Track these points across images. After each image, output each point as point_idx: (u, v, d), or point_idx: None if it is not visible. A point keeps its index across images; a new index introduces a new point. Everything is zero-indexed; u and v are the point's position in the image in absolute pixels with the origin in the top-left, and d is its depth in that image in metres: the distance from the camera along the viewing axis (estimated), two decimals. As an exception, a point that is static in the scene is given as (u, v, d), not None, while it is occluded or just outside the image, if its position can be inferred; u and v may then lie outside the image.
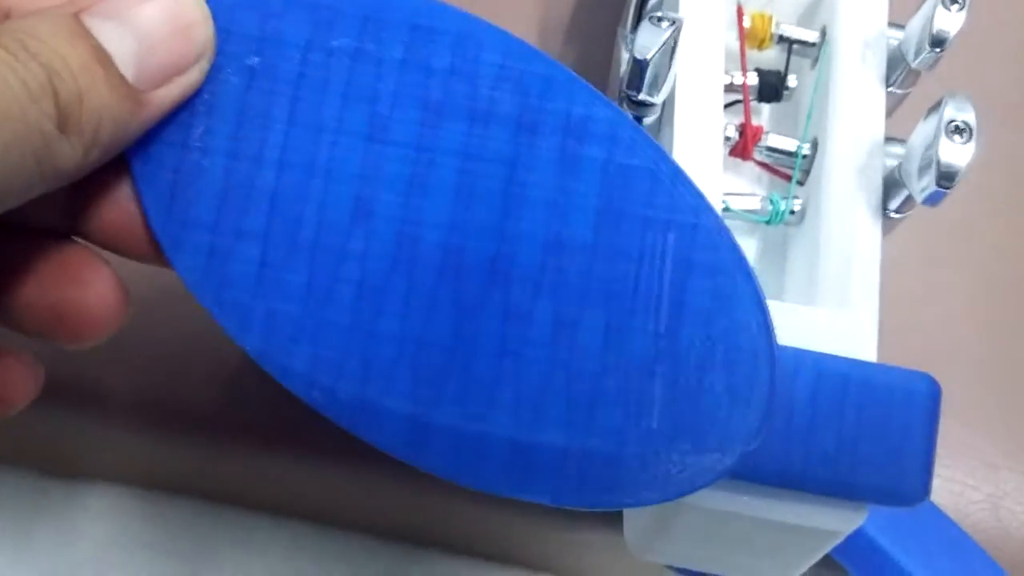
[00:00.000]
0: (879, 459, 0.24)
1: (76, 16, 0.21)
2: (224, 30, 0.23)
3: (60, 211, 0.24)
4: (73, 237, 0.24)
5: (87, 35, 0.21)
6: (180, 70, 0.22)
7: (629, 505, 0.23)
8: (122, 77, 0.21)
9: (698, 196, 0.24)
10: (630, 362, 0.23)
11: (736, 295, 0.23)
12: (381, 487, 0.39)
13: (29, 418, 0.38)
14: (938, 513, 0.32)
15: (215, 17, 0.23)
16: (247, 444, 0.38)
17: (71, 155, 0.21)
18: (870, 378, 0.24)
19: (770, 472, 0.24)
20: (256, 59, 0.23)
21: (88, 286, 0.24)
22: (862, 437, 0.24)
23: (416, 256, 0.23)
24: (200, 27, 0.23)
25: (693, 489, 0.23)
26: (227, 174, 0.23)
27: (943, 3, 0.29)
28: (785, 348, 0.24)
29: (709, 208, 0.24)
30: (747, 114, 0.31)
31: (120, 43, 0.21)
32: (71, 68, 0.20)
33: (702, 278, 0.23)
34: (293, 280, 0.23)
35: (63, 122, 0.20)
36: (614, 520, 0.37)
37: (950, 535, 0.32)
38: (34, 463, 0.45)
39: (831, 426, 0.24)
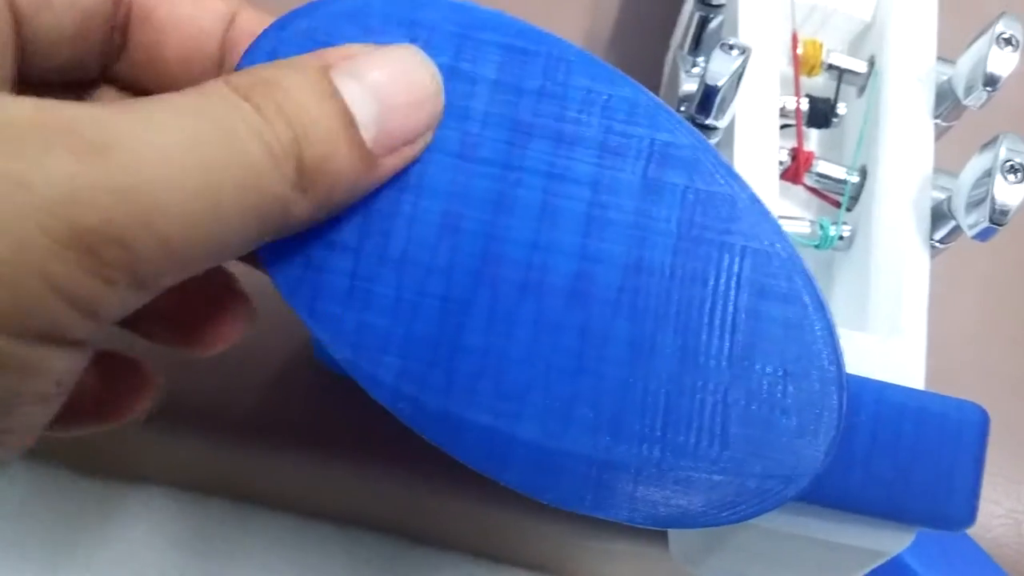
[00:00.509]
0: (931, 485, 0.25)
1: (326, 71, 0.21)
2: (324, 44, 0.23)
3: None
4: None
5: (336, 95, 0.21)
6: (411, 140, 0.23)
7: (699, 526, 0.23)
8: (362, 143, 0.21)
9: (774, 225, 0.24)
10: (704, 386, 0.24)
11: (808, 325, 0.24)
12: (410, 491, 0.39)
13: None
14: (963, 535, 0.33)
15: (316, 30, 0.24)
16: (278, 448, 0.39)
17: (303, 212, 0.21)
18: (925, 407, 0.25)
19: (830, 495, 0.25)
20: None
21: (223, 306, 0.25)
22: (916, 464, 0.25)
23: (499, 272, 0.24)
24: (433, 101, 0.23)
25: (760, 512, 0.23)
26: None
27: (997, 44, 0.30)
28: (849, 376, 0.25)
29: (784, 237, 0.24)
30: (799, 140, 0.32)
31: (363, 106, 0.21)
32: (319, 131, 0.20)
33: (776, 306, 0.24)
34: (382, 292, 0.23)
35: (302, 182, 0.20)
36: (638, 529, 0.38)
37: (970, 552, 0.33)
38: (73, 463, 0.45)
39: (888, 453, 0.25)
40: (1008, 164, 0.28)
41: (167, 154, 0.18)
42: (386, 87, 0.22)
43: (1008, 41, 0.31)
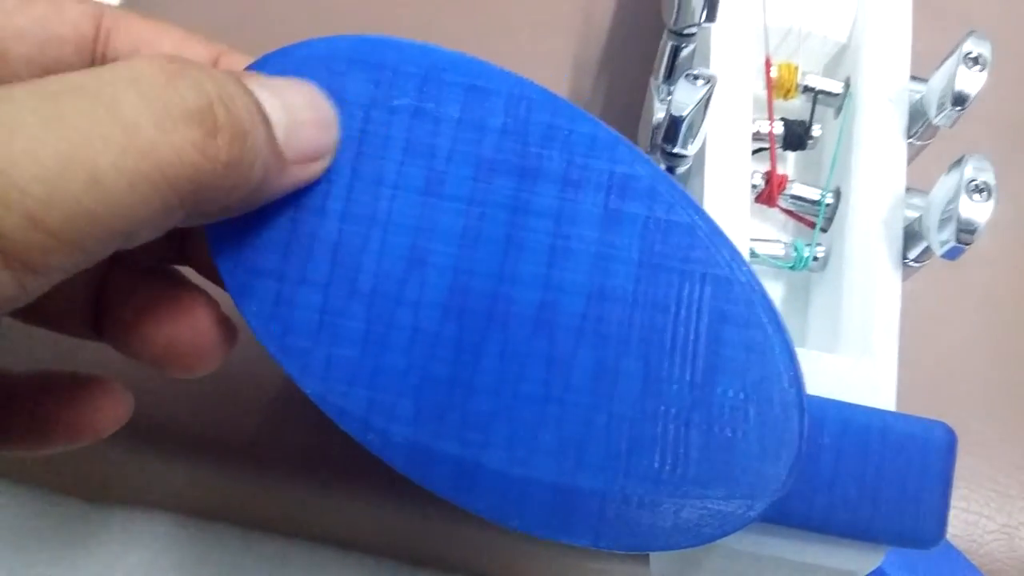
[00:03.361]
0: (898, 504, 0.25)
1: (234, 73, 0.22)
2: None
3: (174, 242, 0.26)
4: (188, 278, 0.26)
5: (248, 91, 0.22)
6: (315, 157, 0.24)
7: (663, 548, 0.24)
8: (276, 138, 0.22)
9: (733, 251, 0.25)
10: (667, 410, 0.24)
11: (769, 348, 0.24)
12: (407, 513, 0.40)
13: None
14: (948, 546, 0.33)
15: (286, 72, 0.24)
16: (276, 471, 0.39)
17: (214, 181, 0.20)
18: (891, 428, 0.26)
19: (795, 516, 0.25)
20: None
21: (200, 324, 0.25)
22: (883, 484, 0.25)
23: (466, 304, 0.24)
24: (333, 128, 0.24)
25: (723, 534, 0.24)
26: (293, 224, 0.24)
27: (965, 63, 0.31)
28: (812, 397, 0.25)
29: (743, 263, 0.25)
30: (773, 163, 0.33)
31: (274, 111, 0.22)
32: (238, 102, 0.21)
33: (737, 330, 0.24)
34: (351, 326, 0.24)
35: (215, 147, 0.20)
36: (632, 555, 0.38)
37: (961, 568, 0.33)
38: (69, 488, 0.46)
39: (854, 473, 0.25)
40: (973, 184, 0.28)
41: (22, 129, 0.18)
42: (295, 102, 0.23)
43: (976, 60, 0.31)
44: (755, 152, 0.33)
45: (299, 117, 0.23)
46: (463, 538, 0.42)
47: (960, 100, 0.31)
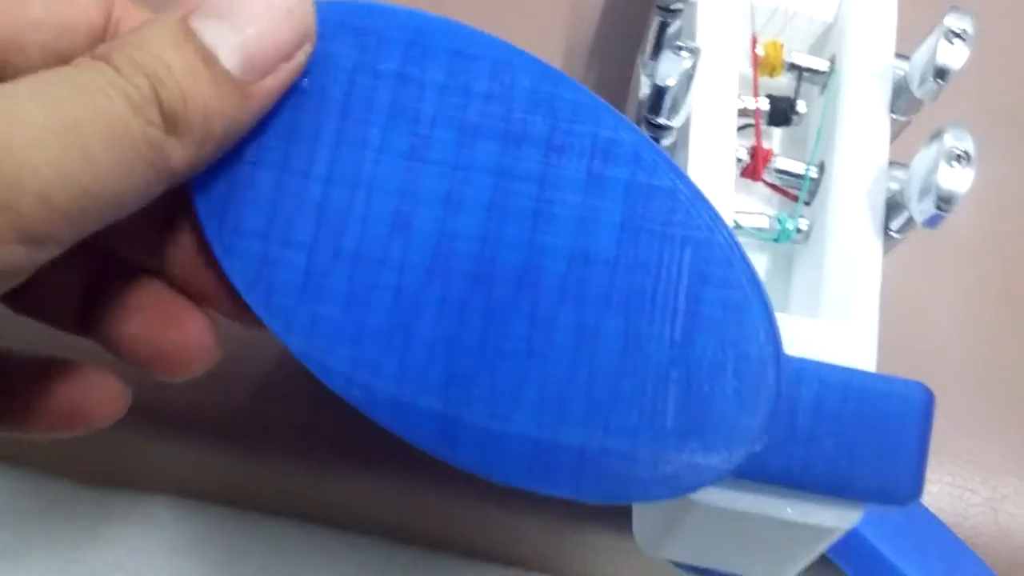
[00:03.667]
0: (875, 462, 0.26)
1: (183, 19, 0.22)
2: None
3: (153, 253, 0.26)
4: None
5: (192, 37, 0.22)
6: (285, 57, 0.24)
7: (641, 500, 0.24)
8: (227, 73, 0.22)
9: (713, 214, 0.26)
10: (646, 366, 0.25)
11: (747, 306, 0.25)
12: (401, 493, 0.40)
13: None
14: (933, 519, 0.33)
15: None
16: (274, 454, 0.40)
17: (183, 153, 0.22)
18: (868, 387, 0.26)
19: (774, 472, 0.25)
20: (306, 81, 0.25)
21: (186, 328, 0.26)
22: (860, 441, 0.26)
23: (450, 265, 0.25)
24: (299, 11, 0.24)
25: (701, 486, 0.24)
26: (278, 187, 0.25)
27: (946, 37, 0.31)
28: (791, 358, 0.26)
29: (723, 226, 0.26)
30: (758, 138, 0.33)
31: (223, 39, 0.22)
32: (175, 73, 0.22)
33: (715, 290, 0.25)
34: (335, 286, 0.24)
35: (171, 125, 0.22)
36: (621, 522, 0.38)
37: (945, 540, 0.34)
38: (68, 472, 0.46)
39: (831, 430, 0.26)
40: (952, 152, 0.29)
41: (29, 119, 0.20)
42: (243, 14, 0.23)
43: (957, 35, 0.31)
44: (741, 128, 0.34)
45: (253, 28, 0.23)
46: (454, 516, 0.42)
47: (941, 73, 0.31)
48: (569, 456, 0.24)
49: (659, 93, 0.29)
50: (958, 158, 0.28)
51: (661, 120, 0.30)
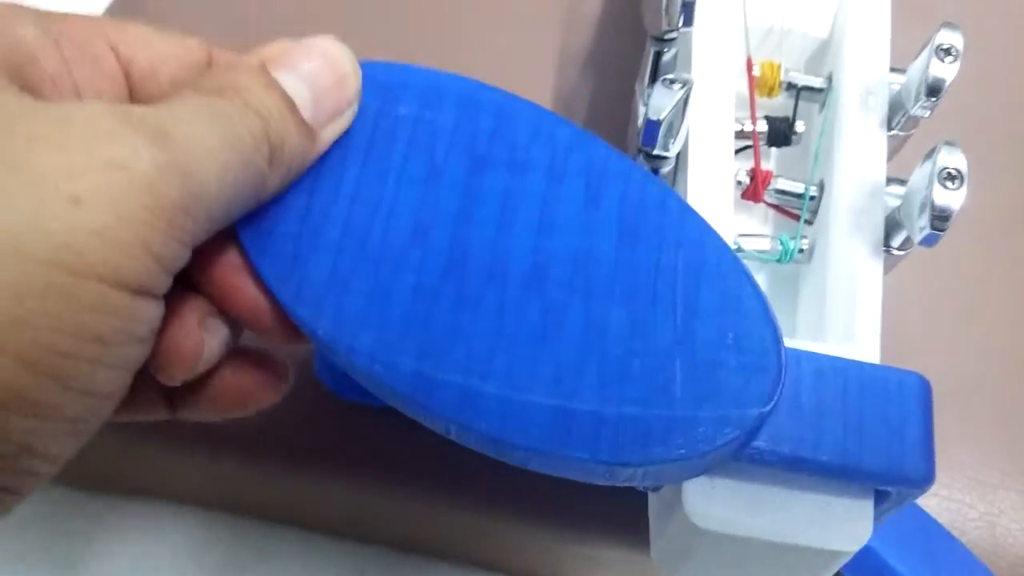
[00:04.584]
0: (883, 443, 0.26)
1: (264, 68, 0.26)
2: None
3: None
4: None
5: (277, 85, 0.26)
6: (340, 112, 0.27)
7: (659, 463, 0.25)
8: (303, 120, 0.26)
9: (702, 223, 0.28)
10: (654, 347, 0.26)
11: (743, 293, 0.27)
12: (400, 503, 0.41)
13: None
14: (943, 530, 0.33)
15: None
16: (278, 462, 0.41)
17: (274, 184, 0.26)
18: (867, 373, 0.27)
19: (786, 456, 0.26)
20: None
21: (177, 331, 0.27)
22: (866, 422, 0.27)
23: (465, 267, 0.27)
24: (352, 79, 0.28)
25: (715, 449, 0.25)
26: (308, 204, 0.27)
27: (937, 54, 0.32)
28: (787, 348, 0.27)
29: (712, 230, 0.28)
30: (757, 160, 0.34)
31: (298, 91, 0.26)
32: (275, 116, 0.25)
33: (711, 282, 0.27)
34: (360, 283, 0.27)
35: (272, 160, 0.25)
36: (622, 534, 0.39)
37: (955, 552, 0.34)
38: (72, 480, 0.47)
39: (836, 410, 0.27)
40: (945, 172, 0.29)
41: (203, 141, 0.23)
42: (314, 72, 0.27)
43: (948, 51, 0.32)
44: (740, 150, 0.34)
45: (321, 85, 0.27)
46: (455, 526, 0.43)
47: (934, 90, 0.32)
48: (586, 421, 0.25)
49: (651, 126, 0.30)
50: (951, 177, 0.29)
51: (657, 151, 0.30)
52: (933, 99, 0.32)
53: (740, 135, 0.34)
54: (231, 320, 0.28)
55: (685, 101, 0.30)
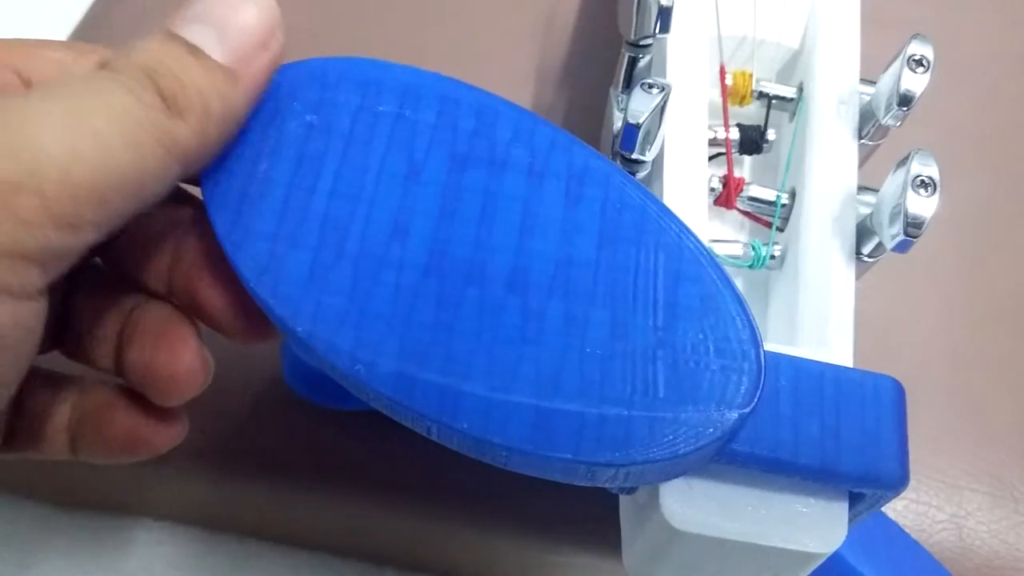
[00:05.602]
0: (859, 445, 0.27)
1: (166, 28, 0.25)
2: (289, 95, 0.28)
3: (163, 279, 0.28)
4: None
5: (176, 37, 0.25)
6: (262, 46, 0.26)
7: (641, 463, 0.25)
8: (212, 59, 0.25)
9: (681, 225, 0.28)
10: (634, 349, 0.26)
11: (721, 298, 0.27)
12: (377, 517, 0.41)
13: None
14: (912, 542, 0.34)
15: (281, 85, 0.28)
16: (253, 478, 0.40)
17: (188, 131, 0.24)
18: (841, 375, 0.28)
19: (765, 458, 0.26)
20: (315, 117, 0.28)
21: (177, 354, 0.27)
22: (842, 424, 0.27)
23: (445, 266, 0.27)
24: (264, 4, 0.26)
25: (698, 446, 0.25)
26: (286, 199, 0.27)
27: (909, 66, 0.32)
28: (767, 352, 0.27)
29: (691, 233, 0.28)
30: (730, 167, 0.34)
31: (205, 36, 0.25)
32: (166, 63, 0.24)
33: (690, 285, 0.27)
34: (339, 281, 0.26)
35: (172, 107, 0.24)
36: (600, 546, 0.39)
37: (924, 562, 0.34)
38: (57, 499, 0.46)
39: (813, 412, 0.27)
40: (918, 179, 0.29)
41: (43, 114, 0.22)
42: (216, 14, 0.26)
43: (919, 62, 0.32)
44: (713, 157, 0.35)
45: (226, 23, 0.26)
46: (428, 535, 0.42)
47: (905, 100, 0.32)
48: (568, 421, 0.25)
49: (629, 131, 0.30)
50: (924, 184, 0.29)
51: (634, 155, 0.30)
52: (904, 109, 0.32)
53: (712, 143, 0.35)
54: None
55: (663, 106, 0.30)
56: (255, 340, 0.28)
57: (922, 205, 0.29)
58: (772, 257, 0.33)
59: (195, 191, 0.28)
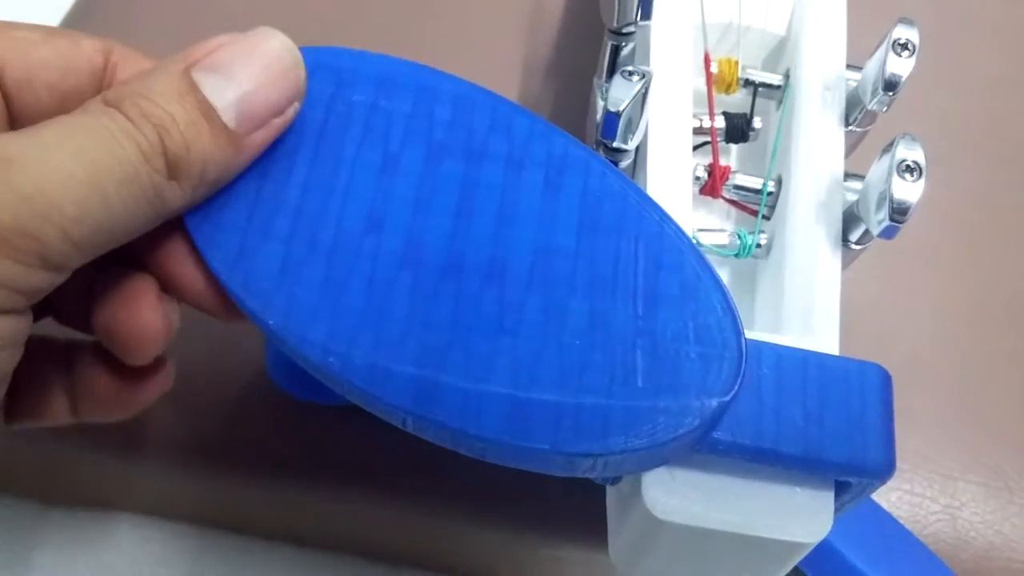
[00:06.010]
0: (844, 433, 0.26)
1: (186, 71, 0.25)
2: None
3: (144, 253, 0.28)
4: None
5: (195, 90, 0.24)
6: (277, 113, 0.26)
7: (621, 453, 0.25)
8: (224, 126, 0.25)
9: (662, 213, 0.27)
10: (614, 338, 0.26)
11: (701, 285, 0.27)
12: (367, 513, 0.40)
13: (28, 445, 0.39)
14: (901, 528, 0.33)
15: None
16: (242, 474, 0.40)
17: (180, 196, 0.25)
18: (825, 363, 0.27)
19: (747, 447, 0.26)
20: None
21: (134, 311, 0.27)
22: (826, 412, 0.26)
23: (421, 257, 0.26)
24: (292, 77, 0.26)
25: (676, 437, 0.25)
26: (257, 191, 0.26)
27: (894, 50, 0.32)
28: (747, 339, 0.27)
29: (672, 221, 0.27)
30: (715, 156, 0.34)
31: (222, 94, 0.25)
32: (179, 125, 0.24)
33: (671, 273, 0.27)
34: (312, 273, 0.26)
35: (172, 172, 0.24)
36: (593, 539, 0.38)
37: (913, 548, 0.34)
38: (37, 494, 0.46)
39: (796, 399, 0.26)
40: (904, 164, 0.29)
41: (57, 163, 0.23)
42: (243, 72, 0.25)
43: (904, 46, 0.32)
44: (699, 147, 0.34)
45: (250, 85, 0.25)
46: (417, 528, 0.42)
47: (891, 85, 0.32)
48: (546, 411, 0.25)
49: (610, 118, 0.30)
50: (909, 169, 0.29)
51: (616, 144, 0.30)
52: (890, 94, 0.32)
53: (698, 131, 0.34)
54: None
55: (644, 94, 0.30)
56: (238, 319, 0.28)
57: (908, 190, 0.29)
58: (758, 246, 0.33)
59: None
